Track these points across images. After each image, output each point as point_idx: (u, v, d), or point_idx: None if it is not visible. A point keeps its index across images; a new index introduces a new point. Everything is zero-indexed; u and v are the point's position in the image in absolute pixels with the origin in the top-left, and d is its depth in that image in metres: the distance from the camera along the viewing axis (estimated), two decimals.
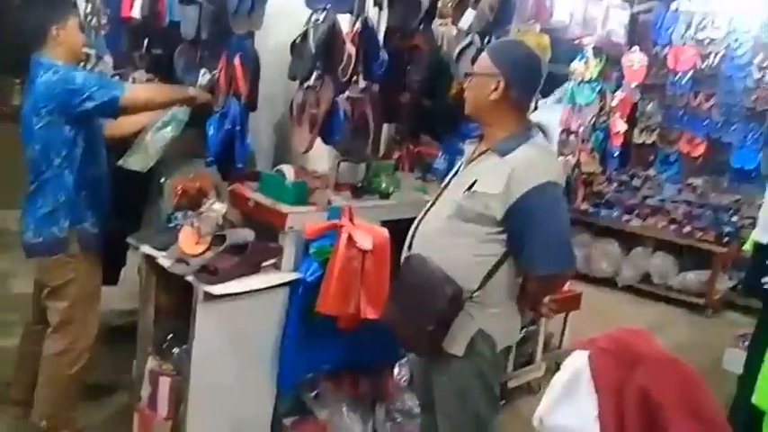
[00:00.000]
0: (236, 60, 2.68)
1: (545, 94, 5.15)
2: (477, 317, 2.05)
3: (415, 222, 2.23)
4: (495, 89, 2.04)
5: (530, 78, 2.11)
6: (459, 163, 2.28)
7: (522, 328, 3.25)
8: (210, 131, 2.72)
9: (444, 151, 3.53)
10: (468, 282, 2.02)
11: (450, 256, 2.04)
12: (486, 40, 3.10)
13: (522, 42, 2.24)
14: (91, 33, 3.09)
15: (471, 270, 2.04)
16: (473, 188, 2.03)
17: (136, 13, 3.02)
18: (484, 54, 2.13)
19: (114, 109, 2.57)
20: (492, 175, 2.01)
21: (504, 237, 2.04)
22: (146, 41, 3.24)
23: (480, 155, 2.12)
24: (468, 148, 2.24)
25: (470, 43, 3.10)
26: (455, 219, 2.05)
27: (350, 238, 2.49)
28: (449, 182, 2.23)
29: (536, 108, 3.42)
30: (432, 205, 2.20)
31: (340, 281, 2.47)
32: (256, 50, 2.75)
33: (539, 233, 1.99)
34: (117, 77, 3.01)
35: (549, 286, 2.24)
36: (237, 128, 2.69)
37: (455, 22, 3.34)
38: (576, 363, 1.24)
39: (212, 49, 2.83)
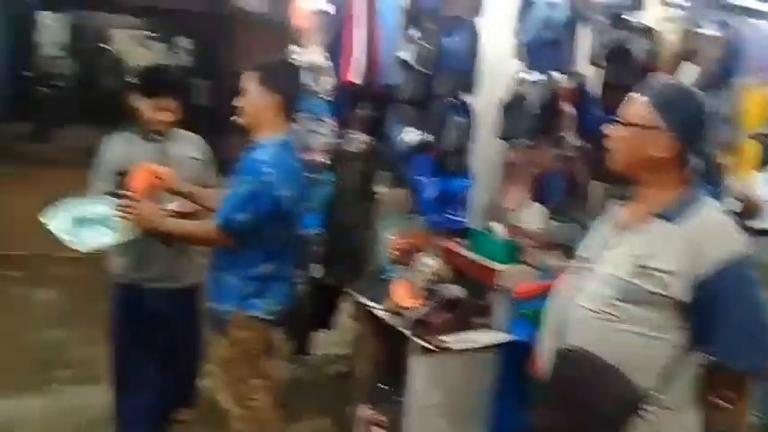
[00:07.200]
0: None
1: None
2: (656, 423, 1.68)
3: (561, 302, 1.87)
4: (661, 146, 1.72)
5: (700, 131, 1.78)
6: (595, 227, 1.95)
7: None
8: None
9: None
10: (642, 380, 1.68)
11: (619, 348, 1.69)
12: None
13: (687, 86, 1.89)
14: None
15: (645, 364, 1.69)
16: (644, 263, 1.68)
17: None
18: (641, 101, 1.75)
19: None
20: (667, 247, 1.68)
21: (684, 323, 1.69)
22: None
23: (641, 221, 1.77)
24: (621, 210, 1.88)
25: None
26: (621, 301, 1.70)
27: None
28: (594, 251, 1.85)
29: None
30: (580, 281, 1.83)
31: None
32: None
33: (733, 318, 1.65)
34: None
35: (740, 384, 1.74)
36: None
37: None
38: None
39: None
